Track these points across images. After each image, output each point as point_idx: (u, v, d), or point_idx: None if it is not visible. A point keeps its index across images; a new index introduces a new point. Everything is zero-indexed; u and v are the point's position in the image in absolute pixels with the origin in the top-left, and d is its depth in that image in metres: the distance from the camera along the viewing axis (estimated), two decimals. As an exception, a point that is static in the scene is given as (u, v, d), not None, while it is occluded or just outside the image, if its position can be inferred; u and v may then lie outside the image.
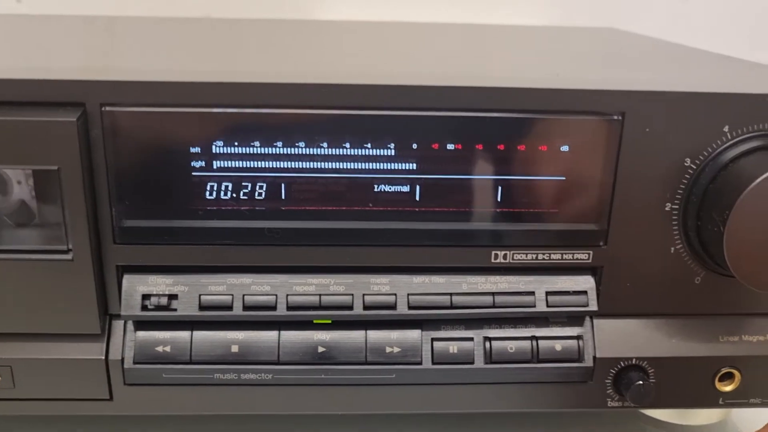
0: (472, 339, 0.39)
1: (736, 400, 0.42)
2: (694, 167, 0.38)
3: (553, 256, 0.39)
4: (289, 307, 0.38)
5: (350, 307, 0.38)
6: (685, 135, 0.37)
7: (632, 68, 0.48)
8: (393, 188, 0.38)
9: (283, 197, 0.38)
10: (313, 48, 0.54)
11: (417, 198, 0.38)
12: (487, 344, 0.39)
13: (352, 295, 0.39)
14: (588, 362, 0.40)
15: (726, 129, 0.37)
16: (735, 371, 0.41)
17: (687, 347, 0.41)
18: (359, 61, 0.48)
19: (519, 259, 0.39)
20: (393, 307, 0.39)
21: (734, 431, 0.49)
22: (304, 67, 0.45)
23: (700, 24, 0.82)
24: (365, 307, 0.39)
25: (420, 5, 0.80)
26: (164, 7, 0.74)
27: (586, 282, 0.40)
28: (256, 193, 0.38)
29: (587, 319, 0.40)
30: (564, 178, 0.38)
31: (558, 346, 0.40)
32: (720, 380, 0.41)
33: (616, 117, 0.37)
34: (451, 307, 0.39)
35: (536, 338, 0.40)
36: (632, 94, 0.36)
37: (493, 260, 0.39)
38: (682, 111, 0.37)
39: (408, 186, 0.38)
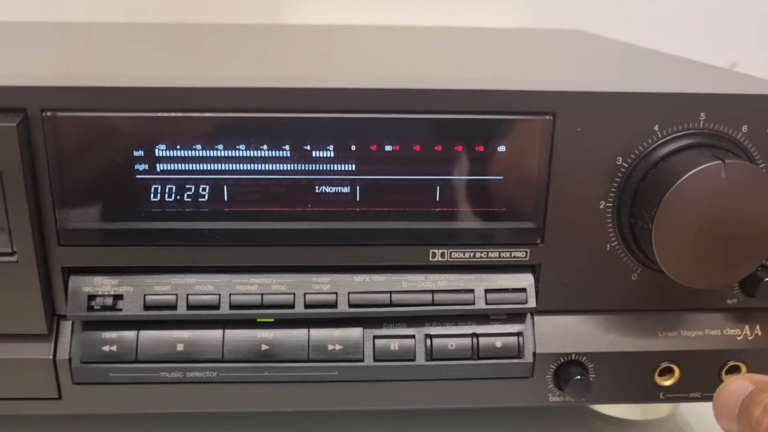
0: (413, 336, 0.40)
1: (677, 394, 0.42)
2: (626, 166, 0.38)
3: (491, 255, 0.40)
4: (232, 306, 0.39)
5: (291, 306, 0.39)
6: (616, 134, 0.38)
7: (577, 69, 0.49)
8: (333, 189, 0.39)
9: (225, 199, 0.39)
10: (264, 52, 0.55)
11: (357, 198, 0.39)
12: (428, 341, 0.40)
13: (294, 294, 0.39)
14: (528, 358, 0.41)
15: (656, 128, 0.38)
16: (674, 366, 0.42)
17: (626, 342, 0.41)
18: (304, 64, 0.49)
19: (457, 258, 0.40)
20: (334, 305, 0.39)
21: (683, 424, 0.49)
22: (248, 71, 0.46)
23: (674, 25, 0.82)
24: (306, 306, 0.39)
25: (396, 8, 0.81)
26: (141, 14, 0.75)
27: (525, 279, 0.40)
28: (199, 195, 0.39)
29: (527, 315, 0.41)
30: (501, 178, 0.39)
31: (498, 342, 0.40)
32: (660, 375, 0.42)
33: (547, 117, 0.37)
34: (391, 305, 0.40)
35: (477, 335, 0.40)
36: (562, 94, 0.37)
37: (431, 258, 0.39)
38: (612, 111, 0.37)
39: (348, 187, 0.39)
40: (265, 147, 0.38)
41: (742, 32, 0.83)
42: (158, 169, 0.38)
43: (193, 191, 0.39)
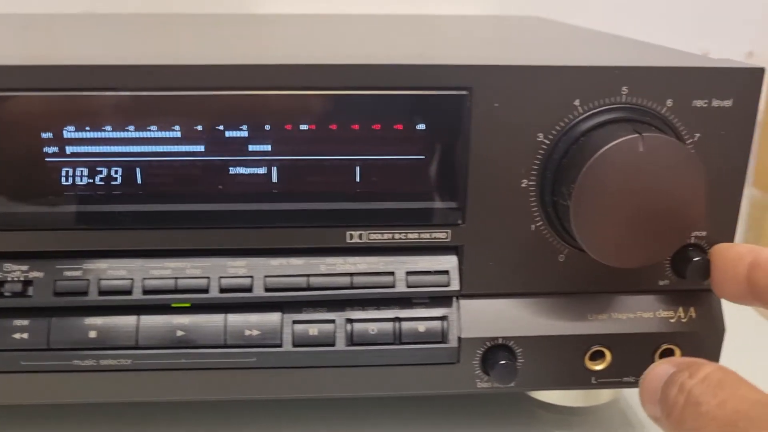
0: (333, 321, 0.39)
1: (609, 379, 0.41)
2: (548, 142, 0.37)
3: (410, 236, 0.39)
4: (145, 291, 0.38)
5: (206, 291, 0.38)
6: (536, 110, 0.37)
7: (508, 47, 0.48)
8: (248, 170, 0.38)
9: (138, 181, 0.38)
10: (190, 35, 0.54)
11: (273, 180, 0.38)
12: (349, 326, 0.39)
13: (209, 278, 0.38)
14: (453, 343, 0.39)
15: (577, 103, 0.37)
16: (605, 350, 0.40)
17: (554, 326, 0.40)
18: (225, 45, 0.48)
19: (375, 239, 0.38)
20: (249, 289, 0.38)
21: (626, 409, 0.48)
22: (163, 50, 0.45)
23: (648, 13, 0.82)
24: (222, 290, 0.38)
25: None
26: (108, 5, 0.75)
27: (448, 261, 0.39)
28: (111, 178, 0.38)
29: (453, 299, 0.40)
30: (420, 156, 0.38)
31: (421, 327, 0.39)
32: (591, 359, 0.41)
33: (463, 92, 0.36)
34: (308, 288, 0.38)
35: (399, 319, 0.39)
36: (476, 68, 0.36)
37: (348, 240, 0.38)
38: (531, 85, 0.36)
39: (264, 168, 0.38)
40: (177, 128, 0.37)
41: (717, 22, 0.83)
42: (68, 152, 0.37)
43: (105, 174, 0.38)
